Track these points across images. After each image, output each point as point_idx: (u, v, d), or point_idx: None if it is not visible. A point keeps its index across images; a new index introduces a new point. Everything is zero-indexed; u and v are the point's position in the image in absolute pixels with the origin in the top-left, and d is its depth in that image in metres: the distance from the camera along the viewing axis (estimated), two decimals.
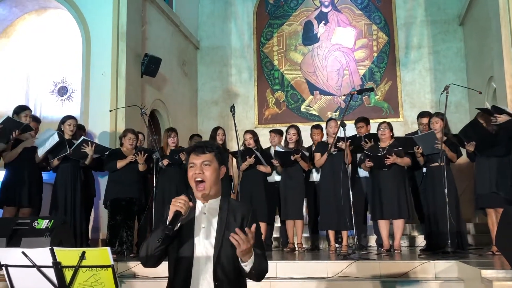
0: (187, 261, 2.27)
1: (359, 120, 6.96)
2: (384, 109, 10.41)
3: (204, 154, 2.37)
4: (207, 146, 2.39)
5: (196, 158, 2.36)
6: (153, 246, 2.25)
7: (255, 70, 11.05)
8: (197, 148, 2.39)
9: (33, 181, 5.92)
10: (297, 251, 6.48)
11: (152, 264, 2.32)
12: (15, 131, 5.56)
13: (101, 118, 7.35)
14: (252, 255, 2.18)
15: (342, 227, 6.14)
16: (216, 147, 2.43)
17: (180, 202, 2.21)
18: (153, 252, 2.26)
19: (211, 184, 2.34)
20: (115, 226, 6.09)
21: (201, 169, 2.33)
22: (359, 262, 4.85)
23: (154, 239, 2.24)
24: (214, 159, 2.37)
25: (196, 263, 2.27)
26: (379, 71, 10.58)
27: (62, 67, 8.24)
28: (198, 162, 2.35)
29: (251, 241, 2.12)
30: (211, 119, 10.85)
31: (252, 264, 2.18)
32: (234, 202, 2.44)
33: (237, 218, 2.33)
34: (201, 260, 2.27)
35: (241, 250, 2.12)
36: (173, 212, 2.19)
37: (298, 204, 6.49)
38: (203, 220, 2.34)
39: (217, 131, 6.84)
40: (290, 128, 6.73)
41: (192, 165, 2.36)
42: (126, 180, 6.17)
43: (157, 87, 8.95)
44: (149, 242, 2.29)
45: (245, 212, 2.37)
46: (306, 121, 10.39)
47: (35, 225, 4.78)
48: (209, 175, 2.33)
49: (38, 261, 2.00)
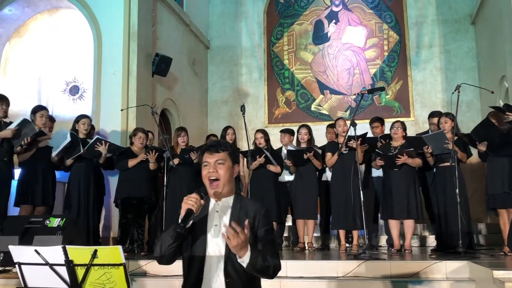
0: (200, 258, 2.30)
1: (374, 120, 6.96)
2: (395, 108, 10.35)
3: (218, 153, 2.38)
4: (221, 145, 2.40)
5: (210, 157, 2.38)
6: (166, 244, 2.28)
7: (265, 70, 11.04)
8: (211, 147, 2.41)
9: (48, 180, 5.99)
10: (307, 251, 6.46)
11: (167, 261, 2.34)
12: (27, 138, 5.61)
13: (112, 117, 7.38)
14: (248, 251, 2.14)
15: (353, 226, 6.12)
16: (229, 146, 2.45)
17: (192, 200, 2.23)
18: (167, 249, 2.28)
19: (225, 182, 2.35)
20: (126, 224, 6.12)
21: (215, 168, 2.35)
22: (369, 262, 4.83)
23: (167, 237, 2.27)
24: (228, 158, 2.39)
25: (208, 260, 2.29)
26: (390, 70, 10.53)
27: (73, 66, 8.29)
28: (212, 161, 2.37)
29: (242, 236, 2.08)
30: (221, 118, 10.86)
31: (249, 260, 2.14)
32: (247, 200, 2.44)
33: (249, 215, 2.33)
34: (213, 257, 2.29)
35: (233, 246, 2.09)
36: (185, 210, 2.21)
37: (311, 203, 6.47)
38: (215, 218, 2.36)
39: (227, 131, 6.85)
40: (301, 128, 6.71)
41: (206, 164, 2.38)
42: (137, 179, 6.19)
43: (167, 86, 8.98)
44: (162, 240, 2.33)
45: (257, 210, 2.37)
46: (317, 120, 10.37)
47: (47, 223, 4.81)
48: (222, 173, 2.35)
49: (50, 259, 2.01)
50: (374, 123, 6.91)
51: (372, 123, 6.94)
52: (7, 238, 4.66)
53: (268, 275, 2.24)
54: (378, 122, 6.91)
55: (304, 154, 6.34)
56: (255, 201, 2.54)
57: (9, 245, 2.11)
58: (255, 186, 6.36)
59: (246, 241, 2.12)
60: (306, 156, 6.33)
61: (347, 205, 6.07)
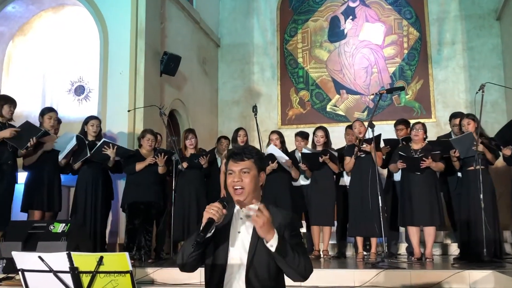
0: (221, 266, 2.32)
1: (398, 123, 6.96)
2: (415, 109, 10.29)
3: (243, 161, 2.39)
4: (245, 153, 2.41)
5: (235, 165, 2.40)
6: (187, 252, 2.32)
7: (278, 68, 11.04)
8: (236, 155, 2.42)
9: (54, 184, 6.04)
10: (322, 259, 6.44)
11: (190, 269, 2.38)
12: (33, 138, 5.66)
13: (119, 119, 7.42)
14: (276, 234, 2.17)
15: (371, 233, 6.08)
16: (255, 153, 2.45)
17: (214, 209, 2.24)
18: (188, 258, 2.31)
19: (249, 191, 2.37)
20: (133, 230, 6.15)
21: (240, 177, 2.37)
22: (388, 271, 4.81)
23: (189, 245, 2.30)
24: (254, 166, 2.40)
25: (229, 268, 2.31)
26: (410, 69, 10.47)
27: (79, 65, 8.35)
28: (237, 170, 2.38)
29: (266, 213, 2.13)
30: (232, 119, 10.87)
31: (277, 244, 2.16)
32: (273, 209, 2.43)
33: (277, 223, 2.32)
34: (234, 266, 2.31)
35: (259, 226, 2.13)
36: (206, 219, 2.22)
37: (328, 209, 6.44)
38: (239, 225, 2.39)
39: (238, 132, 6.85)
40: (317, 130, 6.68)
41: (231, 172, 2.40)
42: (145, 183, 6.22)
43: (176, 86, 9.01)
44: (184, 248, 2.36)
45: (283, 219, 2.37)
46: (332, 121, 10.33)
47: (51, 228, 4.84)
48: (247, 182, 2.36)
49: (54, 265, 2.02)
50: (399, 125, 6.90)
51: (397, 125, 6.93)
52: (10, 244, 4.70)
53: (300, 272, 2.22)
54: (402, 125, 6.89)
55: (319, 158, 6.31)
56: (282, 209, 2.53)
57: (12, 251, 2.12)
58: (268, 190, 6.35)
59: (271, 224, 2.16)
60: (322, 159, 6.31)
61: (365, 211, 6.03)
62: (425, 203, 5.92)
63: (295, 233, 2.38)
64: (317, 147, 6.61)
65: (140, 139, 6.53)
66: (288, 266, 2.21)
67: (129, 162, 6.32)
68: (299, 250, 2.26)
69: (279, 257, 2.18)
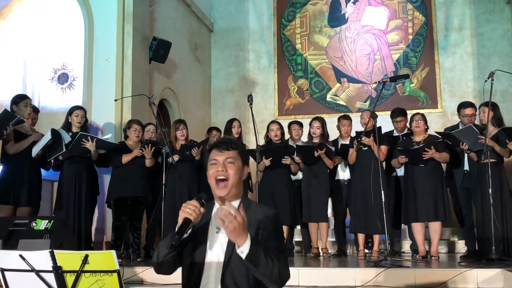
0: (198, 267, 2.30)
1: (396, 114, 6.78)
2: (421, 98, 10.30)
3: (228, 150, 2.37)
4: (231, 143, 2.40)
5: (219, 155, 2.37)
6: (162, 253, 2.29)
7: (275, 55, 11.02)
8: (221, 144, 2.40)
9: (32, 178, 6.01)
10: (321, 257, 6.47)
11: (166, 271, 2.36)
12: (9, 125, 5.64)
13: (105, 109, 7.40)
14: (248, 240, 2.10)
15: (373, 230, 6.11)
16: (240, 145, 2.46)
17: (190, 208, 2.21)
18: (164, 259, 2.29)
19: (233, 184, 2.34)
20: (120, 227, 6.16)
21: (224, 167, 2.34)
22: (391, 270, 4.83)
23: (164, 246, 2.28)
24: (239, 158, 2.38)
25: (206, 270, 2.29)
26: (415, 56, 10.47)
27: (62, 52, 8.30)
28: (221, 159, 2.36)
29: (238, 218, 2.06)
30: (226, 109, 10.86)
31: (249, 250, 2.09)
32: (255, 205, 2.43)
33: (254, 223, 2.30)
34: (212, 266, 2.29)
35: (230, 230, 2.07)
36: (182, 219, 2.20)
37: (322, 205, 6.48)
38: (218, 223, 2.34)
39: (232, 123, 6.84)
40: (314, 121, 6.68)
41: (214, 162, 2.37)
42: (132, 177, 6.22)
43: (166, 74, 8.98)
44: (159, 248, 2.34)
45: (265, 217, 2.34)
46: (333, 112, 10.33)
47: (34, 225, 4.83)
48: (232, 173, 2.34)
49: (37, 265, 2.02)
50: (398, 117, 6.75)
51: (394, 117, 6.78)
52: None
53: (273, 280, 2.17)
54: (402, 116, 6.76)
55: (315, 152, 6.32)
56: (264, 206, 2.52)
57: None
58: (265, 186, 6.36)
59: (244, 226, 2.09)
60: (317, 154, 6.32)
61: (367, 206, 6.07)
62: (430, 197, 5.94)
63: (276, 233, 2.34)
64: (314, 139, 6.61)
65: (126, 130, 6.52)
66: (260, 274, 2.16)
67: (114, 154, 6.31)
68: (276, 255, 2.21)
69: (250, 265, 2.13)
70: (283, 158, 6.41)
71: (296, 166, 6.57)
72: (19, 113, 5.89)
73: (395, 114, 6.81)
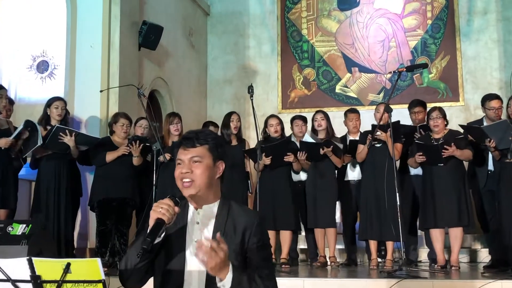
0: (177, 276, 2.28)
1: (415, 104, 6.90)
2: (440, 90, 10.29)
3: (194, 148, 2.33)
4: (198, 138, 2.34)
5: (184, 153, 2.34)
6: (132, 262, 2.25)
7: (278, 42, 11.01)
8: (186, 140, 2.36)
9: (7, 177, 5.99)
10: (329, 266, 6.48)
11: (135, 283, 2.32)
12: None
13: (89, 100, 7.40)
14: (230, 272, 2.11)
15: (386, 237, 6.11)
16: (211, 137, 2.38)
17: (163, 208, 2.19)
18: (133, 269, 2.25)
19: (202, 185, 2.30)
20: (105, 232, 6.16)
21: (189, 167, 2.31)
22: (406, 281, 4.83)
23: (133, 254, 2.24)
24: (208, 154, 2.33)
25: (187, 282, 2.27)
26: (434, 43, 10.45)
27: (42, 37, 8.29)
28: (186, 158, 2.32)
29: (221, 254, 2.05)
30: (224, 102, 10.86)
31: (232, 283, 2.11)
32: (236, 208, 2.39)
33: (238, 229, 2.30)
34: (193, 278, 2.27)
35: (210, 268, 2.07)
36: (154, 220, 2.18)
37: (329, 208, 6.49)
38: (195, 231, 2.33)
39: (230, 117, 6.84)
40: (316, 114, 6.76)
41: (179, 162, 2.34)
42: (117, 177, 6.23)
43: (157, 62, 8.98)
44: (128, 256, 2.30)
45: (249, 221, 2.32)
46: (342, 105, 10.32)
47: (9, 230, 4.85)
48: (199, 174, 2.29)
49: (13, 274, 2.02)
50: (416, 107, 6.86)
51: (412, 108, 6.89)
52: None
53: None
54: (420, 107, 6.85)
55: (320, 149, 6.34)
56: (246, 209, 2.51)
57: None
58: (265, 186, 6.36)
59: (225, 260, 2.09)
60: (323, 151, 6.33)
61: (380, 210, 6.06)
62: (451, 200, 5.95)
63: (262, 243, 2.32)
64: (319, 133, 6.63)
65: (112, 124, 6.52)
66: None
67: (98, 151, 6.31)
68: (263, 271, 2.22)
69: None
70: (285, 155, 6.40)
71: (298, 164, 6.56)
72: None
73: (413, 104, 6.93)
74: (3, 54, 8.33)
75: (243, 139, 6.95)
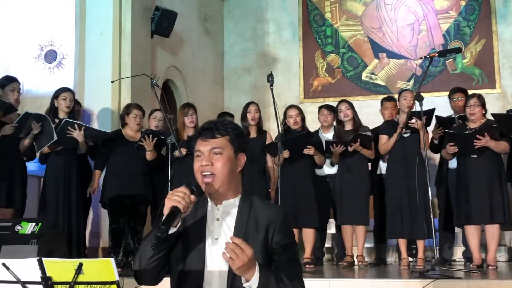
0: (196, 279, 2.28)
1: (454, 91, 6.89)
2: (475, 76, 10.20)
3: (215, 138, 2.33)
4: (218, 128, 2.34)
5: (204, 144, 2.33)
6: (146, 255, 2.25)
7: (300, 27, 10.98)
8: (205, 131, 2.35)
9: (15, 174, 6.03)
10: (356, 266, 6.47)
11: (150, 279, 2.32)
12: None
13: (100, 91, 7.44)
14: (257, 272, 2.11)
15: (418, 235, 6.08)
16: (232, 128, 2.37)
17: (179, 195, 2.19)
18: (147, 264, 2.25)
19: (223, 179, 2.30)
20: (118, 230, 6.21)
21: (210, 160, 2.31)
22: (440, 282, 4.81)
23: (147, 247, 2.24)
24: (229, 146, 2.33)
25: (207, 282, 2.28)
26: (468, 26, 10.35)
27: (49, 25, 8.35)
28: (206, 150, 2.32)
29: (248, 252, 2.05)
30: (242, 92, 10.86)
31: (258, 284, 2.11)
32: (258, 203, 2.39)
33: (261, 225, 2.30)
34: (214, 278, 2.28)
35: (236, 268, 2.06)
36: (169, 209, 2.17)
37: (360, 204, 6.45)
38: (215, 228, 2.33)
39: (248, 108, 6.79)
40: (340, 104, 6.74)
41: (199, 154, 2.34)
42: (130, 172, 6.27)
43: (171, 50, 9.00)
44: (142, 251, 2.29)
45: (273, 217, 2.32)
46: (369, 93, 10.29)
47: (18, 229, 4.89)
48: (220, 167, 2.29)
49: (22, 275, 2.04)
50: (456, 93, 6.84)
51: (453, 94, 6.87)
52: None
53: None
54: (460, 93, 6.82)
55: (348, 147, 6.35)
56: (269, 204, 2.51)
57: None
58: (287, 181, 6.36)
59: (252, 259, 2.09)
60: (351, 148, 6.34)
61: (410, 206, 6.03)
62: (486, 195, 5.90)
63: (287, 241, 2.31)
64: (346, 123, 6.60)
65: (124, 116, 6.54)
66: None
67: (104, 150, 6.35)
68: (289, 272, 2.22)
69: None
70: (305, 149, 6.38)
71: (321, 157, 6.52)
72: (5, 98, 5.94)
73: (453, 90, 6.94)
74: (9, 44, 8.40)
75: (264, 131, 6.89)
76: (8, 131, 5.84)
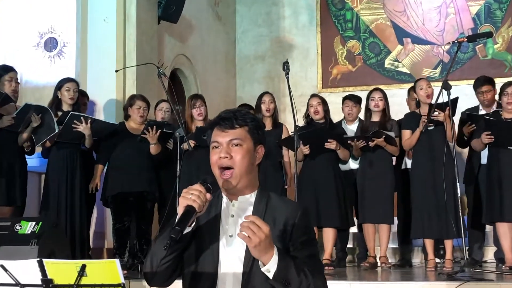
0: (209, 280, 2.29)
1: (481, 83, 6.78)
2: (507, 63, 10.13)
3: (234, 129, 2.33)
4: (237, 118, 2.34)
5: (222, 135, 2.33)
6: (158, 256, 2.27)
7: (317, 10, 10.95)
8: (223, 121, 2.35)
9: (13, 170, 6.06)
10: (380, 268, 6.46)
11: (161, 281, 2.33)
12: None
13: (104, 82, 7.46)
14: (275, 255, 2.11)
15: (445, 234, 6.06)
16: (250, 118, 2.38)
17: (193, 194, 2.19)
18: (160, 264, 2.27)
19: (242, 173, 2.31)
20: (123, 230, 6.22)
21: (228, 152, 2.31)
22: (470, 284, 4.79)
23: (160, 247, 2.25)
24: (248, 136, 2.33)
25: (221, 282, 2.29)
26: (500, 8, 10.28)
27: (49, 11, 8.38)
28: (225, 141, 2.32)
29: (264, 229, 2.05)
30: (255, 81, 10.86)
31: (277, 268, 2.10)
32: (276, 199, 2.40)
33: (279, 222, 2.30)
34: (227, 278, 2.29)
35: (253, 246, 2.06)
36: (184, 208, 2.18)
37: (383, 201, 6.44)
38: (230, 225, 2.34)
39: (262, 98, 6.81)
40: (373, 92, 6.65)
41: (217, 146, 2.34)
42: (133, 168, 6.29)
43: (179, 37, 9.01)
44: (153, 251, 2.31)
45: (291, 213, 2.32)
46: (393, 82, 10.25)
47: (18, 229, 4.92)
48: (239, 159, 2.29)
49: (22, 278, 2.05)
50: (483, 86, 6.73)
51: (479, 87, 6.76)
52: None
53: None
54: (489, 85, 6.73)
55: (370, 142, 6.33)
56: (287, 201, 2.51)
57: None
58: (306, 177, 6.35)
59: (269, 238, 2.09)
60: (373, 143, 6.32)
61: (437, 204, 6.01)
62: None
63: (307, 237, 2.32)
64: (374, 114, 6.55)
65: (127, 108, 6.56)
66: None
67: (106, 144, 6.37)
68: (310, 268, 2.21)
69: (278, 285, 2.13)
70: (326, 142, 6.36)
71: (344, 151, 6.51)
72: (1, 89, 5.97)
73: (480, 82, 6.81)
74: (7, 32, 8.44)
75: (280, 124, 6.90)
76: (6, 123, 5.87)
